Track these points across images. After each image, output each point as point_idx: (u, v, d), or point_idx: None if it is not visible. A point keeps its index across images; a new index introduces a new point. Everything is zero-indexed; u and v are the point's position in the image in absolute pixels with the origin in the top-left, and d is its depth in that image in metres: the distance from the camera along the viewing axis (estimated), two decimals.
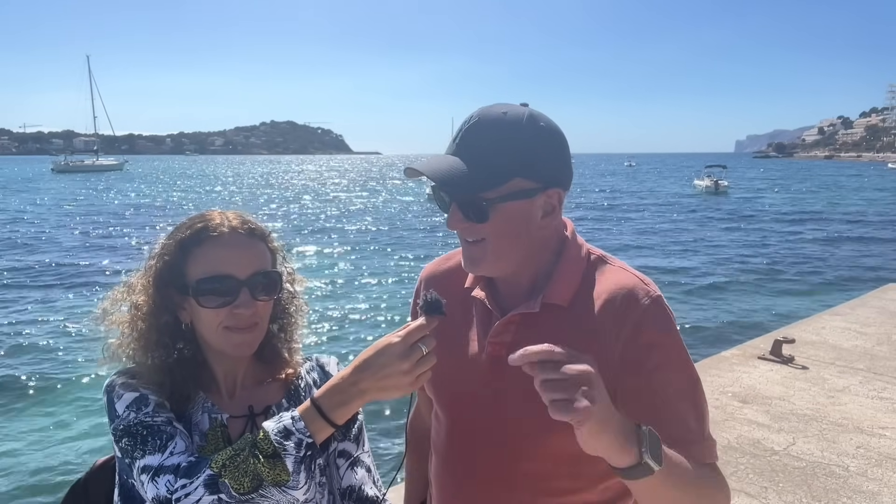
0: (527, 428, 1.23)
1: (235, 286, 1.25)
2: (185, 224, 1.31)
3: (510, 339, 1.25)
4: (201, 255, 1.26)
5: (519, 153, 1.17)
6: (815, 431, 4.67)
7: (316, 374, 1.47)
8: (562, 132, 1.24)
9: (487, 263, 1.24)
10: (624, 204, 40.98)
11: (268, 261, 1.33)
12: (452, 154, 1.20)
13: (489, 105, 1.23)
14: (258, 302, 1.28)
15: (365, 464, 1.44)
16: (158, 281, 1.29)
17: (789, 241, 23.37)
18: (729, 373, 5.88)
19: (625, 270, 1.27)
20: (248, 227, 1.32)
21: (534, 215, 1.21)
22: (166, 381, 1.28)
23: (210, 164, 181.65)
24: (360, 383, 1.10)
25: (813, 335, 6.99)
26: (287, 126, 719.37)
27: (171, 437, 1.18)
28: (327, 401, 1.12)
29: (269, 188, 63.60)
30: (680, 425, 1.20)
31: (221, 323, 1.25)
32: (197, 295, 1.24)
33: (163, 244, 1.31)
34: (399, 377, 1.09)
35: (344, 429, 1.40)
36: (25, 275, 16.30)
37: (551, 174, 1.21)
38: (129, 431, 1.19)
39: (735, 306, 13.26)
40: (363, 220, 31.59)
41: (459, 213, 1.21)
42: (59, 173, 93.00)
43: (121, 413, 1.22)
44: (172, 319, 1.30)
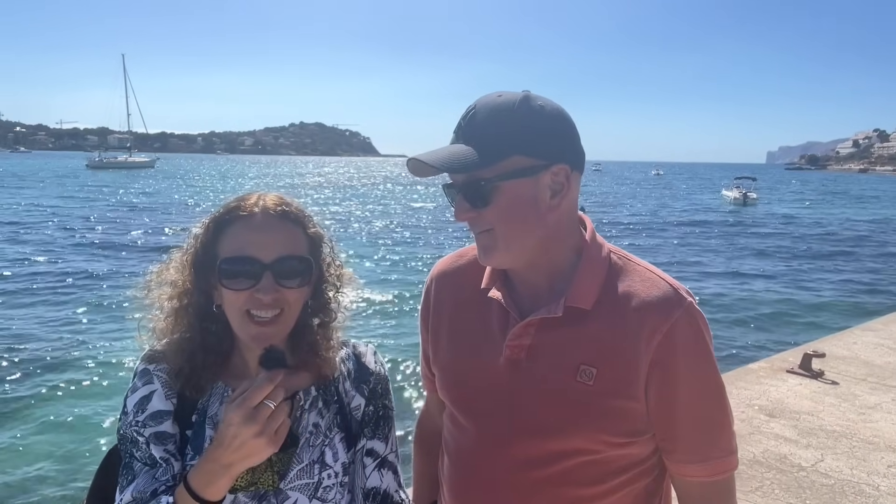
0: (545, 433, 1.20)
1: (258, 269, 1.20)
2: (223, 204, 1.30)
3: (530, 342, 1.22)
4: (231, 234, 1.23)
5: (515, 130, 1.13)
6: (845, 448, 4.55)
7: (351, 363, 1.41)
8: (563, 112, 1.19)
9: (499, 252, 1.19)
10: (650, 212, 40.52)
11: (301, 246, 1.27)
12: (454, 143, 1.18)
13: (487, 94, 1.20)
14: (283, 288, 1.21)
15: (393, 466, 1.41)
16: (195, 259, 1.27)
17: (820, 254, 22.89)
18: (756, 385, 5.76)
19: (655, 274, 1.22)
20: (283, 209, 1.26)
21: (540, 196, 1.16)
22: (185, 367, 1.26)
23: (239, 165, 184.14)
24: (220, 459, 1.09)
25: (844, 350, 6.83)
26: (316, 127, 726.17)
27: (133, 479, 1.20)
28: (197, 481, 1.11)
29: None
30: (706, 439, 1.19)
31: (243, 307, 1.21)
32: (221, 276, 1.21)
33: (203, 223, 1.29)
34: (253, 442, 1.07)
35: (373, 426, 1.38)
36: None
37: (553, 151, 1.15)
38: (122, 443, 1.25)
39: (763, 318, 13.00)
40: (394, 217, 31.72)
41: (464, 201, 1.18)
42: (94, 169, 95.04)
43: (128, 409, 1.26)
44: (205, 300, 1.27)
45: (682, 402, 1.16)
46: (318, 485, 1.28)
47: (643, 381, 1.15)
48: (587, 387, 1.16)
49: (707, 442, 1.19)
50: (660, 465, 1.25)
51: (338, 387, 1.37)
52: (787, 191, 79.11)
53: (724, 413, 1.20)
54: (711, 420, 1.19)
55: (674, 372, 1.14)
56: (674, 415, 1.16)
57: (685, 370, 1.15)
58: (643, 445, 1.21)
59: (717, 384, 1.19)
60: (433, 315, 1.42)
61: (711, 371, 1.18)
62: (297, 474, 1.26)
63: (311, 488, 1.27)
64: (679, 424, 1.17)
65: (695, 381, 1.16)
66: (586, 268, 1.22)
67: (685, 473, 1.21)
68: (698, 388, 1.17)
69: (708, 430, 1.19)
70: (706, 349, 1.17)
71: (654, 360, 1.14)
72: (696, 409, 1.17)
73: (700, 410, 1.17)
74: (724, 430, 1.20)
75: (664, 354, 1.14)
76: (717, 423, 1.20)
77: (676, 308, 1.15)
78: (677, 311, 1.15)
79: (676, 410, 1.16)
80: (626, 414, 1.17)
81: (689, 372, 1.15)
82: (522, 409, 1.22)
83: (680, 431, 1.18)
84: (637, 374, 1.15)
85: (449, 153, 1.14)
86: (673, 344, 1.14)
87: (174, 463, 1.22)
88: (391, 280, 16.03)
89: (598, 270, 1.22)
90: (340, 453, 1.32)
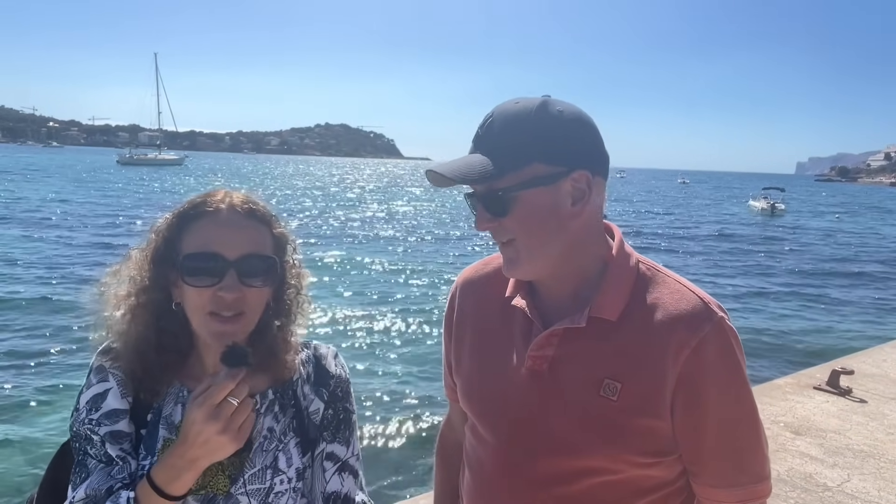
0: (565, 450, 1.16)
1: (222, 266, 1.17)
2: (189, 199, 1.26)
3: (552, 353, 1.18)
4: (195, 230, 1.20)
5: (533, 138, 1.10)
6: (872, 469, 4.44)
7: (311, 366, 1.38)
8: (584, 115, 1.16)
9: (523, 263, 1.16)
10: (674, 222, 40.07)
11: (266, 245, 1.24)
12: (472, 152, 1.16)
13: (505, 101, 1.18)
14: (246, 287, 1.19)
15: (353, 469, 1.38)
16: (155, 255, 1.23)
17: (849, 268, 22.43)
18: (782, 402, 5.65)
19: (684, 287, 1.17)
20: (249, 207, 1.24)
21: (561, 203, 1.12)
22: (138, 369, 1.23)
23: (267, 163, 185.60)
24: (185, 455, 1.09)
25: (873, 368, 6.68)
26: (341, 129, 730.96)
27: (87, 477, 1.18)
28: (161, 477, 1.11)
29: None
30: (734, 462, 1.14)
31: (205, 306, 1.18)
32: (183, 272, 1.18)
33: (165, 218, 1.26)
34: (217, 438, 1.08)
35: (333, 430, 1.36)
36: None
37: (573, 157, 1.12)
38: (75, 439, 1.23)
39: (790, 333, 12.77)
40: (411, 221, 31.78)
41: (484, 211, 1.15)
42: (124, 165, 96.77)
43: (80, 406, 1.24)
44: (164, 297, 1.23)
45: (710, 422, 1.11)
46: (270, 490, 1.25)
47: (669, 399, 1.11)
48: (611, 402, 1.12)
49: (736, 466, 1.14)
50: (688, 489, 1.21)
51: (296, 390, 1.34)
52: (816, 203, 77.73)
53: (756, 436, 1.16)
54: (741, 443, 1.14)
55: (702, 390, 1.10)
56: (701, 436, 1.12)
57: (714, 389, 1.10)
58: (669, 467, 1.16)
59: (749, 405, 1.14)
60: (457, 324, 1.40)
61: (743, 391, 1.13)
62: (248, 479, 1.24)
63: (263, 493, 1.25)
64: (706, 446, 1.13)
65: (724, 400, 1.11)
66: (613, 277, 1.18)
67: (712, 498, 1.16)
68: (728, 408, 1.12)
69: (737, 454, 1.14)
70: (737, 367, 1.12)
71: (682, 376, 1.09)
72: (724, 430, 1.12)
73: (729, 432, 1.13)
74: (755, 455, 1.15)
75: (692, 371, 1.09)
76: (748, 446, 1.15)
77: (706, 323, 1.11)
78: (707, 325, 1.10)
79: (704, 431, 1.12)
80: (651, 433, 1.12)
81: (717, 391, 1.11)
82: (543, 424, 1.18)
83: (707, 454, 1.13)
84: (663, 391, 1.10)
85: (465, 164, 1.12)
86: (701, 360, 1.09)
87: (130, 461, 1.21)
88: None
89: (624, 281, 1.18)
90: (295, 458, 1.29)
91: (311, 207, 40.09)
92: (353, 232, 27.44)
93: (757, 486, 1.15)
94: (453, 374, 1.42)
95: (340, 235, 25.85)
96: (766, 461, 1.17)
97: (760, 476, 1.16)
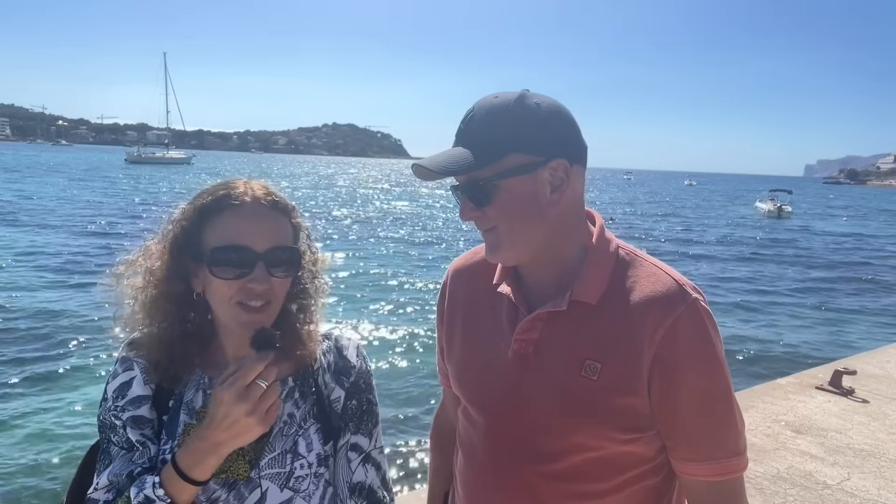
0: (554, 428, 1.22)
1: (251, 259, 1.20)
2: (207, 190, 1.27)
3: (537, 336, 1.24)
4: (220, 223, 1.22)
5: (511, 129, 1.15)
6: (873, 468, 4.45)
7: (332, 356, 1.40)
8: (561, 107, 1.20)
9: (504, 249, 1.21)
10: (680, 222, 39.98)
11: (288, 236, 1.28)
12: (455, 146, 1.20)
13: (485, 95, 1.22)
14: (273, 278, 1.22)
15: (376, 462, 1.40)
16: (174, 247, 1.24)
17: (855, 270, 22.34)
18: (783, 401, 5.65)
19: (660, 269, 1.22)
20: (272, 199, 1.26)
21: (540, 191, 1.17)
22: (163, 359, 1.26)
23: (277, 163, 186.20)
24: (210, 438, 1.10)
25: (876, 368, 6.67)
26: (348, 129, 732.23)
27: (110, 463, 1.22)
28: (186, 461, 1.12)
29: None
30: (708, 437, 1.18)
31: (233, 297, 1.20)
32: (211, 264, 1.20)
33: (182, 209, 1.27)
34: (244, 421, 1.08)
35: (357, 421, 1.37)
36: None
37: (550, 146, 1.17)
38: (101, 429, 1.27)
39: (793, 333, 12.75)
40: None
41: (468, 201, 1.21)
42: (132, 164, 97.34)
43: (107, 395, 1.27)
44: (184, 288, 1.26)
45: (685, 399, 1.15)
46: (290, 474, 1.27)
47: (646, 377, 1.15)
48: (591, 382, 1.17)
49: (710, 441, 1.18)
50: (667, 465, 1.25)
51: (316, 378, 1.36)
52: (824, 205, 77.26)
53: (730, 412, 1.19)
54: (716, 419, 1.18)
55: (676, 368, 1.14)
56: (675, 412, 1.16)
57: (687, 366, 1.14)
58: (648, 443, 1.21)
59: (723, 382, 1.18)
60: (448, 311, 1.45)
61: (716, 368, 1.16)
62: (268, 463, 1.26)
63: (283, 478, 1.26)
64: (681, 422, 1.17)
65: (698, 378, 1.15)
66: (593, 262, 1.23)
67: (688, 472, 1.20)
68: (701, 385, 1.16)
69: (711, 429, 1.18)
70: (711, 346, 1.16)
71: (657, 356, 1.14)
72: (699, 406, 1.16)
73: (703, 408, 1.16)
74: (729, 430, 1.19)
75: (666, 350, 1.14)
76: (722, 422, 1.18)
77: (680, 304, 1.15)
78: (681, 306, 1.15)
79: (679, 407, 1.16)
80: (630, 410, 1.17)
81: (691, 368, 1.15)
82: (529, 404, 1.24)
83: (682, 429, 1.17)
84: (640, 369, 1.15)
85: (447, 157, 1.17)
86: (675, 340, 1.14)
87: (150, 446, 1.23)
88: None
89: (604, 265, 1.23)
90: (315, 444, 1.30)
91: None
92: (358, 230, 27.53)
93: (731, 460, 1.19)
94: (445, 359, 1.47)
95: (346, 234, 25.93)
96: (741, 437, 1.21)
97: (735, 451, 1.19)
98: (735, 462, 1.19)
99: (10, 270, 14.80)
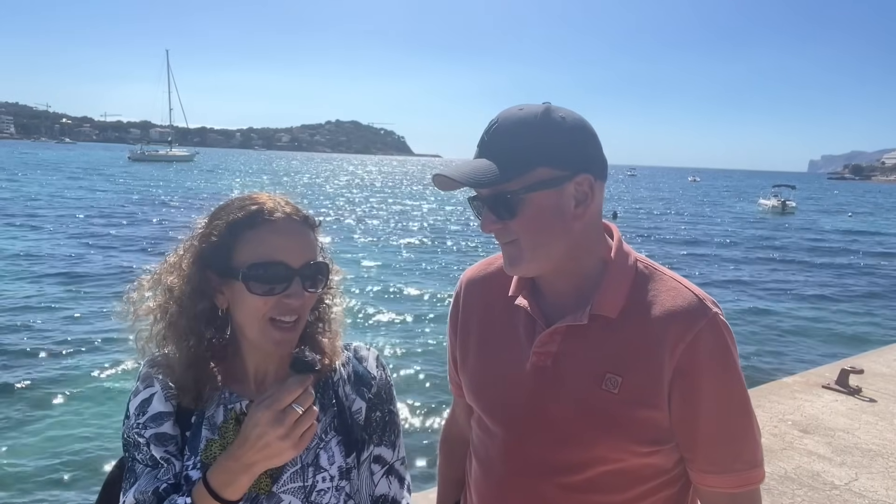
0: (570, 441, 1.22)
1: (288, 274, 1.20)
2: (233, 205, 1.25)
3: (556, 349, 1.24)
4: (255, 238, 1.20)
5: (538, 143, 1.15)
6: (881, 468, 4.44)
7: (351, 367, 1.39)
8: (585, 122, 1.21)
9: (525, 262, 1.21)
10: (684, 219, 39.90)
11: (317, 251, 1.28)
12: (478, 157, 1.20)
13: (508, 107, 1.22)
14: (307, 293, 1.23)
15: (399, 474, 1.40)
16: (200, 262, 1.23)
17: (860, 267, 22.28)
18: (790, 400, 5.63)
19: (680, 284, 1.23)
20: (302, 214, 1.27)
21: (565, 206, 1.18)
22: (189, 380, 1.24)
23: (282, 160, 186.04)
24: (242, 458, 1.10)
25: (883, 367, 6.65)
26: (351, 126, 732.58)
27: (135, 481, 1.21)
28: (216, 480, 1.11)
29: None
30: (727, 450, 1.19)
31: (267, 313, 1.20)
32: (247, 280, 1.18)
33: (208, 224, 1.25)
34: (278, 444, 1.08)
35: (380, 433, 1.37)
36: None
37: (576, 161, 1.17)
38: (125, 448, 1.26)
39: (799, 332, 12.72)
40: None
41: (490, 213, 1.20)
42: (135, 161, 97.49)
43: (129, 413, 1.26)
44: (209, 305, 1.24)
45: (704, 412, 1.16)
46: (312, 488, 1.26)
47: (666, 391, 1.16)
48: (612, 395, 1.18)
49: (729, 453, 1.19)
50: (685, 476, 1.26)
51: (337, 390, 1.35)
52: (828, 201, 77.07)
53: (748, 425, 1.20)
54: (734, 431, 1.19)
55: (696, 382, 1.15)
56: (695, 424, 1.17)
57: (707, 381, 1.15)
58: (667, 455, 1.22)
59: (741, 396, 1.19)
60: (461, 322, 1.45)
61: (735, 382, 1.18)
62: (290, 477, 1.25)
63: (305, 492, 1.26)
64: (700, 434, 1.18)
65: (717, 391, 1.17)
66: (612, 276, 1.23)
67: (707, 484, 1.22)
68: (721, 398, 1.17)
69: (730, 442, 1.19)
70: (730, 360, 1.18)
71: (677, 369, 1.15)
72: (717, 419, 1.17)
73: (722, 421, 1.18)
74: (747, 443, 1.20)
75: (687, 364, 1.15)
76: (740, 434, 1.20)
77: (700, 318, 1.16)
78: (701, 321, 1.16)
79: (698, 420, 1.17)
80: (650, 423, 1.18)
81: (711, 383, 1.16)
82: (548, 417, 1.24)
83: (700, 441, 1.18)
84: (660, 383, 1.16)
85: (473, 168, 1.17)
86: (696, 354, 1.15)
87: (175, 463, 1.23)
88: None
89: (624, 279, 1.24)
90: (337, 457, 1.30)
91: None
92: (365, 228, 27.54)
93: (750, 472, 1.20)
94: (459, 370, 1.46)
95: (351, 232, 25.94)
96: (759, 448, 1.22)
97: (753, 463, 1.20)
98: (754, 474, 1.20)
99: (10, 271, 14.83)
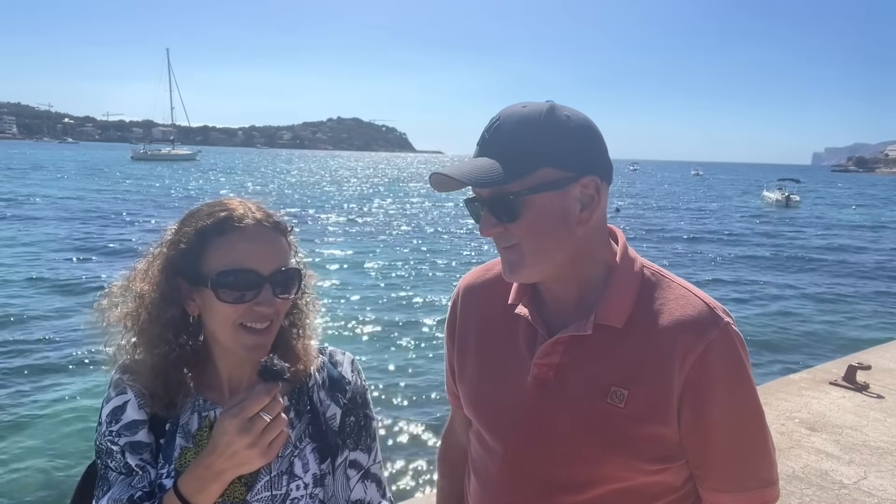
0: (577, 457, 1.16)
1: (258, 281, 1.19)
2: (202, 211, 1.24)
3: (558, 361, 1.17)
4: (224, 245, 1.19)
5: (542, 142, 1.09)
6: (890, 466, 4.39)
7: (326, 372, 1.38)
8: (590, 122, 1.15)
9: (526, 268, 1.14)
10: (688, 213, 39.78)
11: (288, 257, 1.27)
12: (478, 156, 1.13)
13: (510, 105, 1.16)
14: (278, 299, 1.22)
15: (376, 477, 1.39)
16: (169, 269, 1.22)
17: (866, 260, 22.16)
18: (797, 397, 5.58)
19: (689, 292, 1.16)
20: (273, 220, 1.25)
21: (570, 209, 1.11)
22: (160, 388, 1.23)
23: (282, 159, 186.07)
24: (212, 466, 1.09)
25: (891, 362, 6.59)
26: (353, 123, 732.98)
27: (108, 489, 1.20)
28: (187, 487, 1.12)
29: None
30: (741, 467, 1.14)
31: (237, 319, 1.19)
32: (216, 287, 1.17)
33: (177, 231, 1.24)
34: (245, 452, 1.08)
35: (355, 437, 1.36)
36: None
37: (582, 162, 1.11)
38: (98, 454, 1.25)
39: (805, 327, 12.65)
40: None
41: (491, 216, 1.13)
42: (137, 161, 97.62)
43: (102, 420, 1.25)
44: (179, 312, 1.23)
45: (716, 428, 1.11)
46: (286, 496, 1.25)
47: (675, 405, 1.10)
48: (618, 410, 1.12)
49: (742, 471, 1.14)
50: (695, 493, 1.21)
51: (311, 396, 1.34)
52: (832, 194, 76.76)
53: (763, 440, 1.15)
54: (747, 448, 1.14)
55: (708, 396, 1.09)
56: (707, 441, 1.12)
57: (720, 395, 1.10)
58: (676, 473, 1.16)
59: (755, 410, 1.14)
60: (459, 331, 1.39)
61: (749, 396, 1.13)
62: (264, 485, 1.24)
63: (279, 500, 1.25)
64: (713, 451, 1.12)
65: (730, 406, 1.11)
66: (617, 284, 1.17)
67: (718, 503, 1.16)
68: (734, 414, 1.12)
69: (743, 459, 1.14)
70: (743, 373, 1.12)
71: (688, 382, 1.09)
72: (730, 436, 1.12)
73: (735, 438, 1.13)
74: (761, 460, 1.15)
75: (698, 377, 1.08)
76: (754, 451, 1.15)
77: (712, 328, 1.10)
78: (713, 331, 1.09)
79: (710, 436, 1.11)
80: (658, 439, 1.11)
81: (723, 397, 1.10)
82: (550, 432, 1.18)
83: (713, 459, 1.13)
84: (669, 397, 1.10)
85: (475, 167, 1.10)
86: (708, 366, 1.08)
87: (150, 470, 1.22)
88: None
89: (629, 287, 1.17)
90: (311, 464, 1.29)
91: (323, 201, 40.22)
92: (361, 227, 27.52)
93: (765, 490, 1.15)
94: (456, 380, 1.41)
95: (347, 231, 25.92)
96: (774, 466, 1.17)
97: (768, 481, 1.15)
98: (769, 492, 1.15)
99: (9, 270, 14.85)
